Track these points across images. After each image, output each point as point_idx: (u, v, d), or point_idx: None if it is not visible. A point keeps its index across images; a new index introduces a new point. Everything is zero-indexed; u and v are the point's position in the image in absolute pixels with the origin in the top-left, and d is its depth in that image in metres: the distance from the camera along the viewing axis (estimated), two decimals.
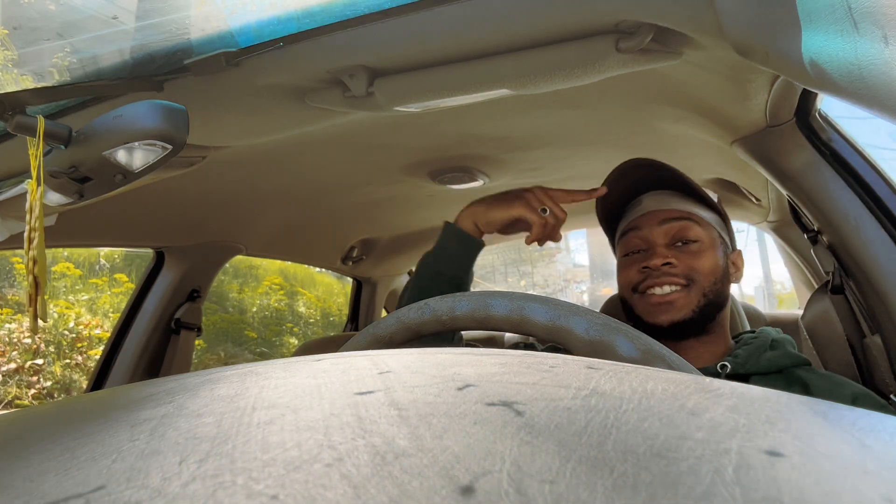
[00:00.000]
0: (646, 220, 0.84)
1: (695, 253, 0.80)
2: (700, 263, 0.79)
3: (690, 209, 0.83)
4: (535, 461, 0.14)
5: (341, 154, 1.12)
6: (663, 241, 0.81)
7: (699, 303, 0.78)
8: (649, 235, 0.82)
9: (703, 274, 0.79)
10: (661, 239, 0.81)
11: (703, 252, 0.80)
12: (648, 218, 0.84)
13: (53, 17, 0.69)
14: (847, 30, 0.36)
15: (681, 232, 0.81)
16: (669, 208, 0.83)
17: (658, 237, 0.82)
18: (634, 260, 0.83)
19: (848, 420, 0.18)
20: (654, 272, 0.79)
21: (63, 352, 4.45)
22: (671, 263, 0.78)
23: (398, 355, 0.25)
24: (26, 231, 0.51)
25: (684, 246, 0.80)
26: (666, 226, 0.82)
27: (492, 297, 0.45)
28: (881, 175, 0.82)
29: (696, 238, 0.81)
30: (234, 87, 0.75)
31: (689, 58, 0.70)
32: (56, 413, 0.23)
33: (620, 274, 0.85)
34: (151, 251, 1.44)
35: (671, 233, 0.81)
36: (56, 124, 0.53)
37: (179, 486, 0.14)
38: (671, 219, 0.82)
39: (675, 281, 0.78)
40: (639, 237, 0.83)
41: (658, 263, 0.78)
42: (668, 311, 0.77)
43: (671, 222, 0.82)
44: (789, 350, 0.77)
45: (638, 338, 0.40)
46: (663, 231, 0.82)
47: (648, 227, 0.83)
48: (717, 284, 0.80)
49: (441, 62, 0.71)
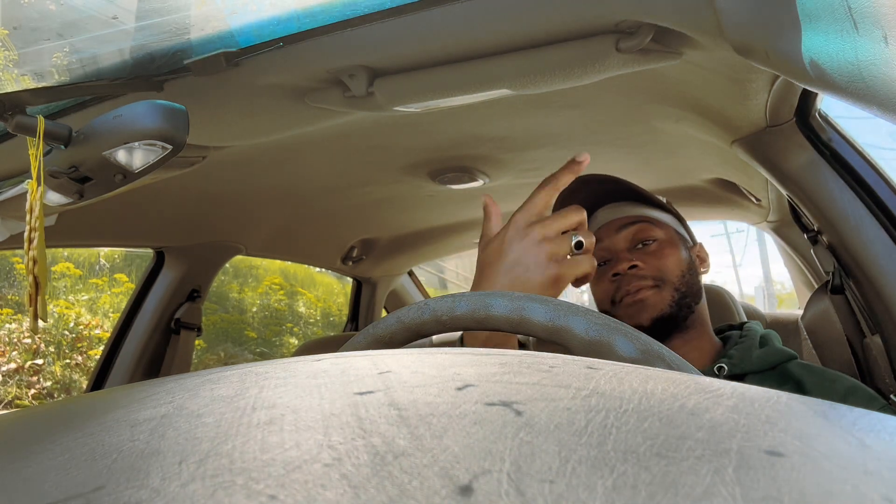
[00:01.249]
0: (604, 231, 0.86)
1: (656, 252, 0.82)
2: (664, 261, 0.81)
3: (643, 212, 0.86)
4: (535, 461, 0.14)
5: (341, 154, 1.12)
6: (625, 246, 0.84)
7: (673, 297, 0.80)
8: (610, 245, 0.84)
9: (669, 270, 0.81)
10: (623, 244, 0.84)
11: (665, 249, 0.82)
12: (606, 229, 0.86)
13: (53, 17, 0.69)
14: (847, 30, 0.36)
15: (639, 234, 0.84)
16: (623, 215, 0.86)
17: (619, 243, 0.84)
18: (603, 272, 0.84)
19: (848, 420, 0.18)
20: (625, 278, 0.81)
21: (63, 352, 4.45)
22: (637, 266, 0.80)
23: (398, 355, 0.25)
24: (26, 231, 0.51)
25: (645, 247, 0.83)
26: (624, 231, 0.84)
27: (492, 297, 0.45)
28: (881, 175, 0.83)
29: (654, 237, 0.83)
30: (234, 87, 0.75)
31: (689, 58, 0.70)
32: (56, 413, 0.23)
33: (595, 289, 0.87)
34: (151, 251, 1.44)
35: (629, 237, 0.84)
36: (56, 124, 0.53)
37: (179, 486, 0.14)
38: (627, 224, 0.85)
39: (644, 284, 0.80)
40: (601, 249, 0.85)
41: (625, 267, 0.80)
42: (644, 309, 0.79)
43: (628, 227, 0.84)
44: (777, 346, 0.79)
45: (637, 338, 0.40)
46: (622, 237, 0.84)
47: (608, 237, 0.85)
48: (686, 276, 0.82)
49: (441, 62, 0.71)
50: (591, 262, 0.59)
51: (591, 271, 0.59)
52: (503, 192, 1.46)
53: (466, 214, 1.71)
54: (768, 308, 10.46)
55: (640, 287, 0.80)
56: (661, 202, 0.89)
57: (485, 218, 0.64)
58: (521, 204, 0.61)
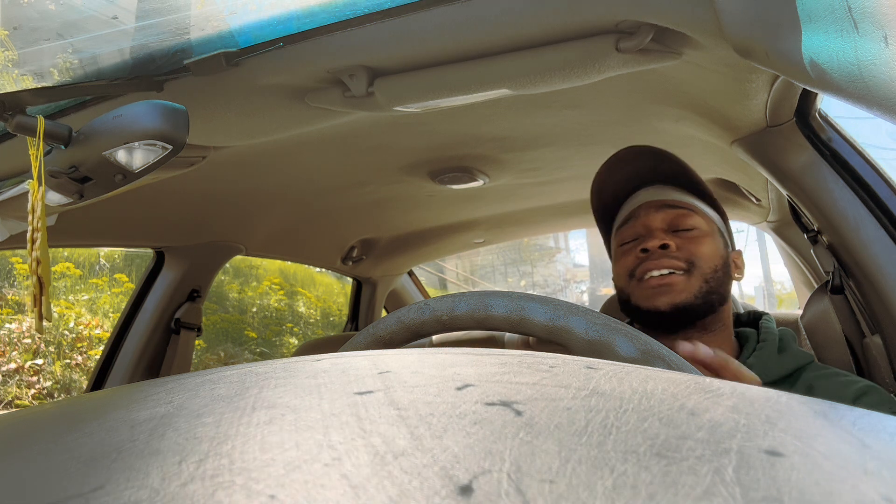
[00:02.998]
0: (643, 209, 0.81)
1: (694, 238, 0.77)
2: (701, 249, 0.76)
3: (689, 200, 0.82)
4: (535, 461, 0.14)
5: (341, 154, 1.12)
6: (661, 227, 0.79)
7: (700, 288, 0.74)
8: (647, 221, 0.80)
9: (703, 259, 0.76)
10: (659, 224, 0.79)
11: (703, 238, 0.78)
12: (645, 206, 0.81)
13: (53, 17, 0.69)
14: (847, 30, 0.36)
15: (679, 219, 0.79)
16: (668, 198, 0.82)
17: (655, 222, 0.79)
18: (630, 248, 0.80)
19: (848, 420, 0.18)
20: (653, 255, 0.76)
21: (63, 352, 4.45)
22: (669, 246, 0.75)
23: (398, 355, 0.25)
24: (29, 231, 0.51)
25: (684, 233, 0.78)
26: (663, 212, 0.79)
27: (491, 297, 0.45)
28: (881, 175, 0.83)
29: (695, 226, 0.78)
30: (234, 87, 0.75)
31: (689, 58, 0.70)
32: (56, 413, 0.23)
33: (617, 263, 0.82)
34: (151, 251, 1.44)
35: (668, 219, 0.79)
36: (56, 124, 0.53)
37: (179, 485, 0.14)
38: (669, 206, 0.80)
39: (674, 264, 0.75)
40: (637, 225, 0.80)
41: (656, 244, 0.76)
42: (667, 292, 0.74)
43: (669, 209, 0.79)
44: (794, 349, 0.75)
45: (637, 338, 0.40)
46: (660, 217, 0.79)
47: (646, 214, 0.80)
48: (719, 273, 0.77)
49: (441, 62, 0.71)
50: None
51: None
52: (503, 192, 1.46)
53: (466, 214, 1.71)
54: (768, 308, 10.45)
55: (670, 267, 0.75)
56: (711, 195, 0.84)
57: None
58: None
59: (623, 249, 0.82)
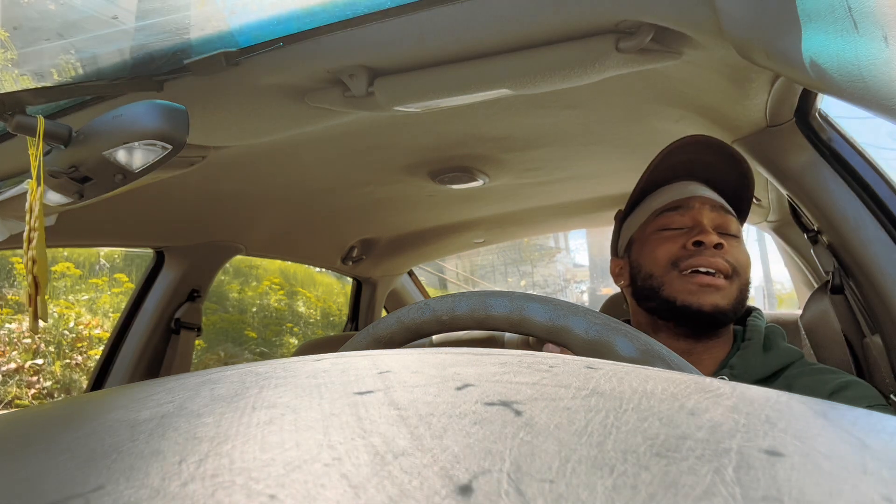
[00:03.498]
0: (697, 201, 0.79)
1: (738, 246, 0.77)
2: (743, 258, 0.76)
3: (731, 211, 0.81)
4: (535, 461, 0.14)
5: (341, 154, 1.12)
6: (712, 225, 0.77)
7: (737, 297, 0.74)
8: (700, 216, 0.77)
9: (744, 267, 0.76)
10: (710, 222, 0.77)
11: (743, 248, 0.78)
12: (700, 200, 0.79)
13: (53, 17, 0.69)
14: (847, 30, 0.36)
15: (726, 224, 0.78)
16: (719, 200, 0.80)
17: (708, 220, 0.77)
18: (678, 235, 0.77)
19: (848, 420, 0.18)
20: (706, 251, 0.74)
21: (63, 352, 4.45)
22: (723, 247, 0.74)
23: (398, 355, 0.25)
24: (26, 231, 0.51)
25: (730, 238, 0.77)
26: (717, 213, 0.78)
27: (491, 297, 0.45)
28: (881, 175, 0.83)
29: (737, 234, 0.78)
30: (234, 87, 0.75)
31: (689, 58, 0.70)
32: (56, 413, 0.23)
33: (659, 248, 0.77)
34: (151, 251, 1.44)
35: (719, 222, 0.78)
36: (56, 124, 0.53)
37: (179, 485, 0.14)
38: (721, 208, 0.79)
39: (723, 266, 0.74)
40: (688, 216, 0.78)
41: (713, 241, 0.73)
42: (714, 294, 0.72)
43: (721, 211, 0.78)
44: (782, 347, 0.75)
45: (637, 338, 0.40)
46: (714, 217, 0.78)
47: (701, 207, 0.78)
48: (748, 284, 0.77)
49: (441, 62, 0.71)
50: None
51: None
52: (503, 192, 1.46)
53: (466, 214, 1.71)
54: (768, 308, 10.44)
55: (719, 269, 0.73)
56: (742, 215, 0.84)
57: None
58: None
59: (665, 235, 0.78)
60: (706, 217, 0.77)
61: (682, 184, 0.82)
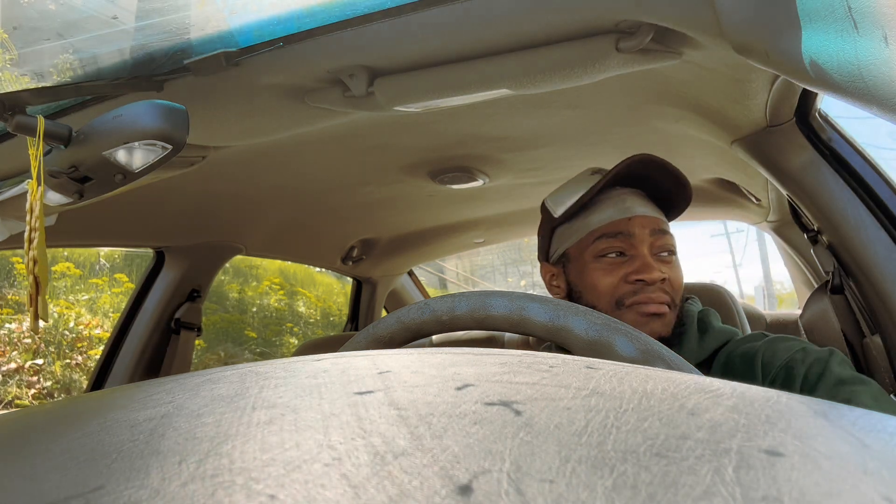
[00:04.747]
0: (637, 223, 0.74)
1: (674, 266, 0.75)
2: (680, 279, 0.75)
3: (666, 221, 0.78)
4: (535, 461, 0.14)
5: (341, 154, 1.12)
6: (652, 253, 0.74)
7: (676, 320, 0.75)
8: (640, 246, 0.74)
9: (679, 290, 0.75)
10: (652, 249, 0.74)
11: (677, 266, 0.76)
12: (639, 222, 0.75)
13: (53, 17, 0.69)
14: (847, 30, 0.36)
15: (666, 244, 0.75)
16: (656, 217, 0.76)
17: (649, 246, 0.74)
18: (615, 265, 0.74)
19: (848, 420, 0.18)
20: (649, 287, 0.72)
21: (63, 352, 4.45)
22: (666, 279, 0.73)
23: (398, 355, 0.25)
24: (27, 231, 0.51)
25: (665, 256, 0.75)
26: (655, 237, 0.75)
27: (491, 297, 0.45)
28: (881, 175, 0.83)
29: (673, 249, 0.76)
30: (234, 87, 0.75)
31: (689, 58, 0.70)
32: (56, 413, 0.23)
33: (600, 280, 0.74)
34: (151, 251, 1.44)
35: (658, 243, 0.75)
36: (56, 124, 0.53)
37: (179, 485, 0.14)
38: (659, 230, 0.75)
39: (666, 300, 0.73)
40: (627, 243, 0.75)
41: (657, 278, 0.72)
42: (657, 321, 0.72)
43: (659, 234, 0.75)
44: (716, 328, 0.73)
45: (637, 338, 0.40)
46: (653, 242, 0.75)
47: (640, 235, 0.74)
48: (683, 300, 0.76)
49: (441, 62, 0.71)
50: None
51: None
52: (503, 192, 1.46)
53: (466, 214, 1.71)
54: (768, 308, 10.46)
55: (664, 303, 0.72)
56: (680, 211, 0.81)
57: None
58: None
59: (605, 263, 0.75)
60: (646, 244, 0.74)
61: (619, 196, 0.77)
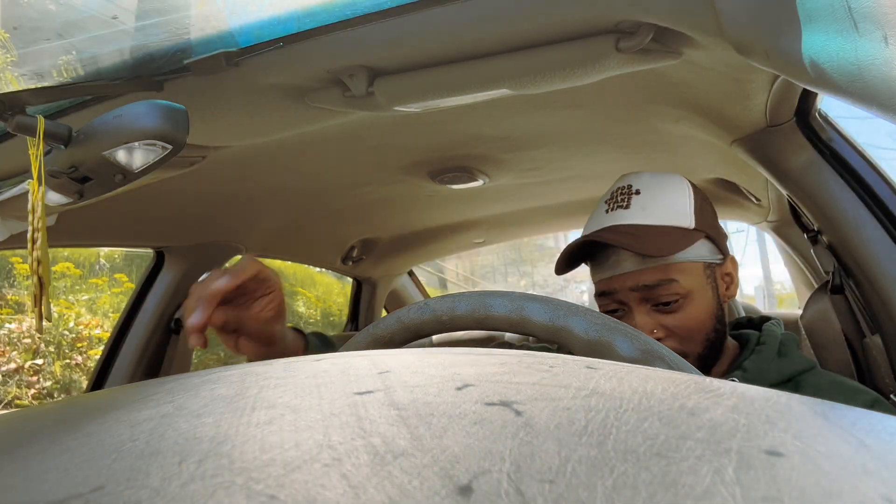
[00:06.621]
0: (617, 282, 0.73)
1: (678, 312, 0.72)
2: (688, 322, 0.71)
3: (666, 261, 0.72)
4: (535, 461, 0.14)
5: (341, 154, 1.12)
6: (644, 307, 0.73)
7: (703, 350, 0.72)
8: (631, 303, 0.73)
9: (696, 329, 0.72)
10: (640, 304, 0.73)
11: (689, 307, 0.72)
12: (620, 279, 0.73)
13: (53, 17, 0.69)
14: (847, 30, 0.36)
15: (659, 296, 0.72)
16: (640, 270, 0.72)
17: (637, 304, 0.73)
18: (622, 318, 0.74)
19: (848, 420, 0.18)
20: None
21: (63, 352, 4.45)
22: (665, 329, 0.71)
23: (398, 355, 0.25)
24: (29, 231, 0.51)
25: (667, 306, 0.72)
26: (640, 293, 0.72)
27: (491, 297, 0.45)
28: (881, 175, 0.83)
29: (677, 294, 0.71)
30: (234, 87, 0.75)
31: (688, 57, 0.70)
32: (56, 413, 0.23)
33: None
34: (151, 251, 1.44)
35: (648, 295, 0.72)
36: (56, 124, 0.53)
37: (179, 486, 0.14)
38: (642, 287, 0.72)
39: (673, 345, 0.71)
40: (615, 301, 0.74)
41: (647, 332, 0.70)
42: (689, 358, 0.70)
43: (643, 290, 0.72)
44: (796, 355, 0.73)
45: (637, 337, 0.40)
46: (639, 297, 0.73)
47: (623, 292, 0.73)
48: (715, 322, 0.73)
49: (441, 62, 0.71)
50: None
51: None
52: (503, 192, 1.46)
53: (466, 214, 1.71)
54: (768, 308, 10.44)
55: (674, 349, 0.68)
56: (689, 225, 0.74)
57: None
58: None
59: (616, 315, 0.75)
60: (635, 300, 0.72)
61: (604, 252, 0.75)
